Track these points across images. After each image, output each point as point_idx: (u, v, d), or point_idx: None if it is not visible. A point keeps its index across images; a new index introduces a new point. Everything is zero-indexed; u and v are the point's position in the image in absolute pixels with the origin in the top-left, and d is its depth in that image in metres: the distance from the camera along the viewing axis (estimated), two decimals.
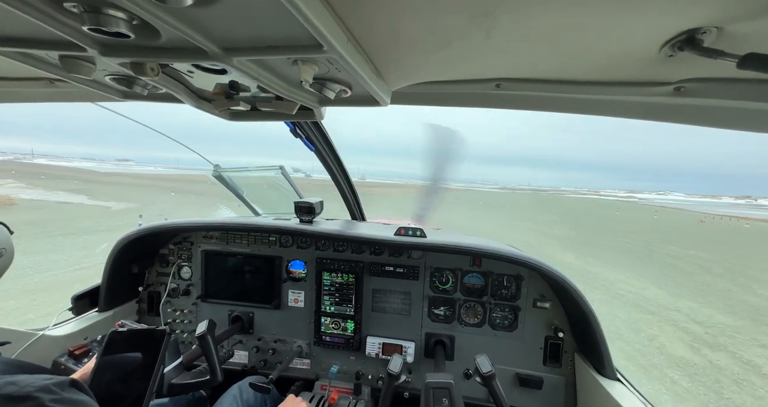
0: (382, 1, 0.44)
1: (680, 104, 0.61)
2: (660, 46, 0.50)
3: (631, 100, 0.66)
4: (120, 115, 1.38)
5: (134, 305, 1.86)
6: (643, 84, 0.62)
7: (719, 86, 0.54)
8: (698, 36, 0.45)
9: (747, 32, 0.42)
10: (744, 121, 0.59)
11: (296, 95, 0.78)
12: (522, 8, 0.43)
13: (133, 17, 0.46)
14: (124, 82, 0.74)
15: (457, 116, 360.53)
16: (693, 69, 0.54)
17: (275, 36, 0.52)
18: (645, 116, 0.69)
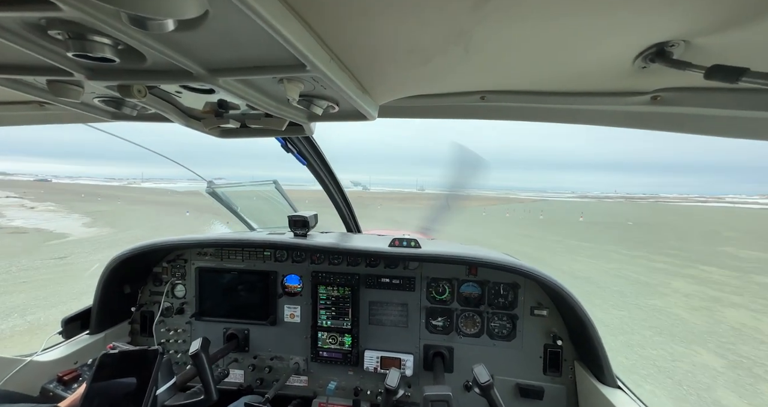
0: (360, 22, 0.46)
1: (658, 112, 0.63)
2: (633, 58, 0.52)
3: (611, 109, 0.68)
4: (113, 135, 1.39)
5: (127, 326, 1.82)
6: (621, 94, 0.64)
7: (692, 95, 0.55)
8: (667, 49, 0.47)
9: (712, 45, 0.44)
10: (717, 127, 0.60)
11: (285, 112, 0.79)
12: (496, 26, 0.45)
13: (118, 42, 0.47)
14: (112, 104, 0.74)
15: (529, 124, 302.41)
16: (667, 79, 0.56)
17: (259, 57, 0.53)
18: (625, 124, 0.71)
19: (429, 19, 0.44)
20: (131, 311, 1.81)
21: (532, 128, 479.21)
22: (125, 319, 1.80)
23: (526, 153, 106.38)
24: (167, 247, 1.75)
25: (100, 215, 20.84)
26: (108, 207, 26.48)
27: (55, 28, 0.43)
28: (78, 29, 0.43)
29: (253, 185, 2.06)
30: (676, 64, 0.45)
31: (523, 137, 71.10)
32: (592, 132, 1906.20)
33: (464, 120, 0.94)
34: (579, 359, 1.47)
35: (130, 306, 1.81)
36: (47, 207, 25.18)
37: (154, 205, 28.59)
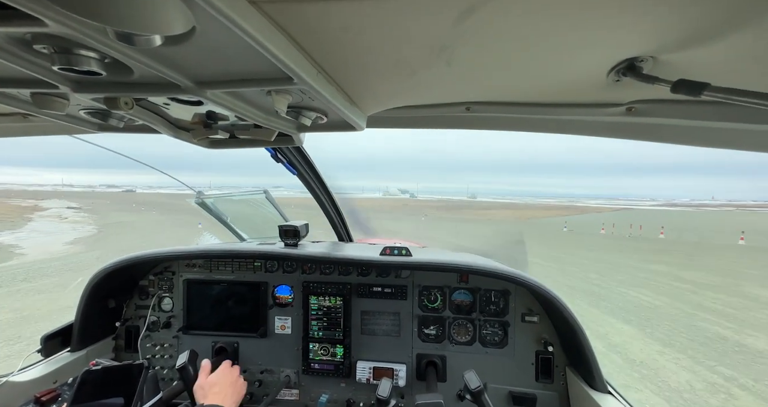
0: (345, 37, 0.47)
1: (633, 123, 0.66)
2: (607, 72, 0.55)
3: (590, 119, 0.71)
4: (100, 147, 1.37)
5: (110, 342, 1.75)
6: (599, 105, 0.67)
7: (663, 107, 0.58)
8: (637, 64, 0.50)
9: (677, 61, 0.47)
10: (686, 137, 0.64)
11: (274, 123, 0.80)
12: (475, 41, 0.47)
13: (104, 56, 0.47)
14: (99, 116, 0.74)
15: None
16: (640, 92, 0.59)
17: (247, 70, 0.54)
18: (604, 134, 0.74)
19: (411, 34, 0.45)
20: (115, 326, 1.75)
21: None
22: (109, 335, 1.74)
23: (578, 157, 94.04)
24: (154, 259, 1.71)
25: (112, 226, 19.40)
26: (134, 217, 24.95)
27: (40, 43, 0.43)
28: (64, 44, 0.44)
29: (243, 194, 2.04)
30: (645, 79, 0.48)
31: (575, 141, 66.63)
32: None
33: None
34: (570, 365, 1.48)
35: (114, 321, 1.75)
36: (77, 218, 24.12)
37: (186, 214, 25.70)
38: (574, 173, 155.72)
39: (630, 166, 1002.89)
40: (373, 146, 43.41)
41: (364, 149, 40.34)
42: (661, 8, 0.37)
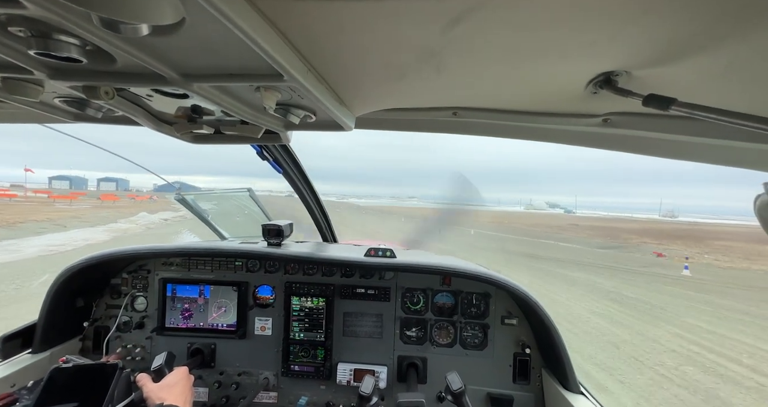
0: (337, 37, 0.48)
1: (609, 133, 0.70)
2: (585, 85, 0.58)
3: (569, 129, 0.74)
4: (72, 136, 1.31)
5: (77, 343, 1.66)
6: (577, 116, 0.70)
7: (636, 119, 0.62)
8: (613, 77, 0.53)
9: (649, 76, 0.50)
10: (658, 149, 0.68)
11: (261, 120, 0.79)
12: (463, 49, 0.49)
13: (86, 43, 0.46)
14: (75, 105, 0.71)
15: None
16: (615, 104, 0.63)
17: (236, 64, 0.53)
18: (582, 143, 0.77)
19: (401, 39, 0.46)
20: (83, 326, 1.67)
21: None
22: (76, 335, 1.65)
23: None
24: (128, 256, 1.64)
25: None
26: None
27: (16, 25, 0.41)
28: (42, 28, 0.42)
29: (226, 192, 1.99)
30: (619, 92, 0.51)
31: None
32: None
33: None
34: (546, 366, 1.52)
35: (81, 321, 1.66)
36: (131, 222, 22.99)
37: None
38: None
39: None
40: (518, 152, 41.18)
41: (507, 157, 37.75)
42: (634, 27, 0.39)
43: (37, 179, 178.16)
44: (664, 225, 62.44)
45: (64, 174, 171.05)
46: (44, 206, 32.44)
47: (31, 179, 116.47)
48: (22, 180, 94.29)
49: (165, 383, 1.13)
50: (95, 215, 25.63)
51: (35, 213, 24.05)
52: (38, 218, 20.86)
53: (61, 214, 24.76)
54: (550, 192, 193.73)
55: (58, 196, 42.18)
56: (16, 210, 25.62)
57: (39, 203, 37.43)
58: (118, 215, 24.69)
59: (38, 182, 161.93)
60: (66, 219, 21.46)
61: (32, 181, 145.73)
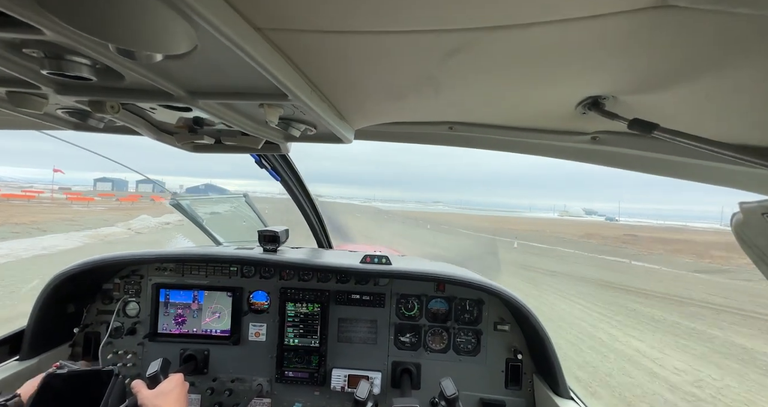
0: (341, 63, 0.50)
1: (597, 150, 0.73)
2: (575, 106, 0.61)
3: (560, 144, 0.78)
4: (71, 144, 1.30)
5: (67, 349, 1.64)
6: (568, 133, 0.73)
7: (623, 138, 0.66)
8: (600, 101, 0.56)
9: (634, 102, 0.53)
10: (643, 165, 0.72)
11: (262, 132, 0.80)
12: (460, 74, 0.51)
13: (96, 62, 0.47)
14: (77, 116, 0.72)
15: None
16: (603, 124, 0.66)
17: (243, 85, 0.55)
18: (572, 158, 0.81)
19: (401, 66, 0.49)
20: (73, 332, 1.64)
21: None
22: (65, 342, 1.63)
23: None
24: (121, 262, 1.63)
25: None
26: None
27: (31, 48, 0.42)
28: (57, 50, 0.43)
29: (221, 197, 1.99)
30: (606, 115, 0.54)
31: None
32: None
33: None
34: (537, 372, 1.55)
35: (71, 327, 1.64)
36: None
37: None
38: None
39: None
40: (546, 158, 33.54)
41: (536, 161, 37.03)
42: (617, 59, 0.43)
43: (84, 181, 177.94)
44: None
45: (107, 176, 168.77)
46: (56, 208, 30.19)
47: (79, 181, 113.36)
48: (75, 183, 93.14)
49: (160, 390, 1.12)
50: (97, 217, 24.03)
51: (27, 215, 22.54)
52: (20, 221, 19.26)
53: (57, 216, 23.03)
54: (583, 198, 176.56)
55: (76, 198, 40.76)
56: (10, 212, 24.05)
57: (58, 204, 35.50)
58: (118, 218, 22.67)
59: (85, 184, 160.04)
60: (55, 222, 19.71)
61: (78, 183, 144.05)
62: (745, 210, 0.45)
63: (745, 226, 0.47)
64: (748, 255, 0.50)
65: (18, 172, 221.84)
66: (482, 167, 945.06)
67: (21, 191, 48.67)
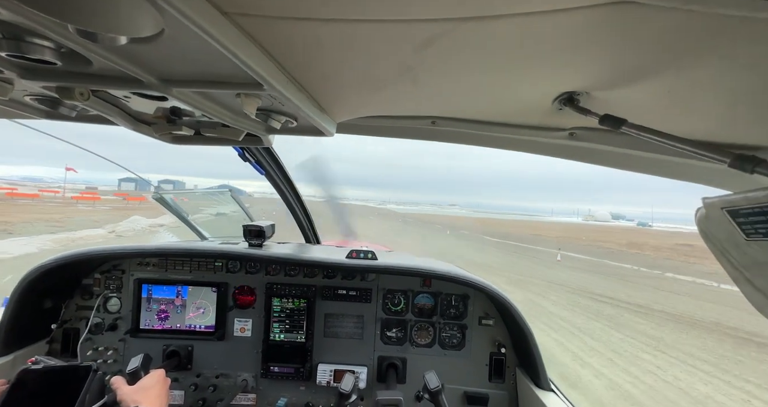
0: (316, 51, 0.49)
1: (575, 146, 0.75)
2: (551, 101, 0.62)
3: (539, 140, 0.79)
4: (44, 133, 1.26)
5: (44, 346, 1.60)
6: (546, 129, 0.74)
7: (598, 134, 0.67)
8: (575, 96, 0.57)
9: (606, 98, 0.54)
10: (618, 161, 0.73)
11: (242, 124, 0.79)
12: (437, 66, 0.51)
13: (60, 46, 0.45)
14: (47, 103, 0.70)
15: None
16: (580, 120, 0.67)
17: (216, 73, 0.54)
18: (551, 154, 0.82)
19: (377, 56, 0.49)
20: (51, 328, 1.60)
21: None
22: (43, 338, 1.59)
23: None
24: (102, 256, 1.59)
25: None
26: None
27: None
28: (15, 30, 0.42)
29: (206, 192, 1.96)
30: (580, 110, 0.55)
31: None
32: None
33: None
34: (519, 365, 1.58)
35: (49, 323, 1.60)
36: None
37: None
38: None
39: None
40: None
41: (556, 164, 36.42)
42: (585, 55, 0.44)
43: (110, 181, 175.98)
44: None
45: (131, 177, 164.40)
46: (51, 207, 28.15)
47: (107, 181, 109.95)
48: (102, 183, 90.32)
49: (140, 385, 1.10)
50: (88, 217, 22.21)
51: (5, 214, 20.99)
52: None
53: (42, 216, 21.24)
54: (607, 202, 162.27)
55: (81, 197, 39.15)
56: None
57: (65, 204, 33.72)
58: (111, 219, 20.70)
59: (111, 183, 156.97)
60: (32, 223, 17.99)
61: (106, 183, 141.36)
62: (707, 205, 0.47)
63: (707, 220, 0.48)
64: (710, 249, 0.51)
65: (55, 172, 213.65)
66: (495, 170, 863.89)
67: (38, 190, 46.78)
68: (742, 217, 0.43)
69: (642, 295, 10.90)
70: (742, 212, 0.42)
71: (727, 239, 0.48)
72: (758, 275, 0.47)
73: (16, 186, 55.86)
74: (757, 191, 0.39)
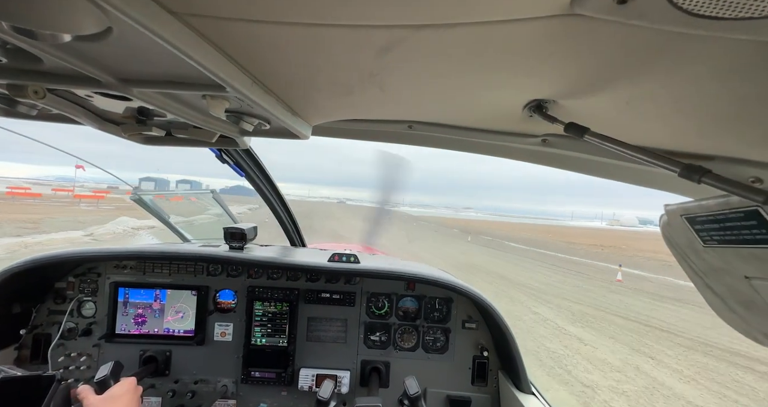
0: (279, 55, 0.48)
1: (548, 152, 0.75)
2: (521, 109, 0.62)
3: (513, 146, 0.79)
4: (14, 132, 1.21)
5: (12, 352, 1.53)
6: (519, 135, 0.75)
7: (567, 141, 0.68)
8: (543, 104, 0.57)
9: (571, 106, 0.55)
10: (586, 168, 0.74)
11: (213, 126, 0.78)
12: (400, 73, 0.51)
13: (5, 42, 0.43)
14: (4, 101, 0.67)
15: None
16: (549, 127, 0.67)
17: (175, 72, 0.52)
18: (525, 159, 0.83)
19: (341, 61, 0.48)
20: (20, 334, 1.54)
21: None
22: (11, 344, 1.53)
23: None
24: (75, 259, 1.54)
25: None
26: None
27: None
28: None
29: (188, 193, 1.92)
30: (547, 118, 0.55)
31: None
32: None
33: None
34: (502, 368, 1.59)
35: (18, 329, 1.54)
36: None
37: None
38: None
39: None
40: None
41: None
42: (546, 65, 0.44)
43: (132, 181, 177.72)
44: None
45: (152, 176, 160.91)
46: (50, 207, 25.93)
47: (131, 181, 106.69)
48: (131, 183, 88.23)
49: (109, 394, 1.06)
50: (74, 218, 20.36)
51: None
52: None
53: (19, 216, 19.18)
54: (629, 206, 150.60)
55: (85, 196, 37.45)
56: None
57: (67, 202, 31.72)
58: (100, 220, 19.05)
59: (133, 183, 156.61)
60: (3, 224, 16.11)
61: (131, 182, 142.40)
62: (668, 212, 0.47)
63: (669, 226, 0.49)
64: (672, 254, 0.52)
65: (90, 172, 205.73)
66: (507, 172, 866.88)
67: (51, 189, 44.75)
68: (699, 224, 0.44)
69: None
70: (698, 219, 0.43)
71: (687, 246, 0.48)
72: (715, 280, 0.47)
73: (49, 185, 53.62)
74: (709, 200, 0.39)
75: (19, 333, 1.53)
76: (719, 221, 0.40)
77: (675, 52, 0.32)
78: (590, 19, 0.31)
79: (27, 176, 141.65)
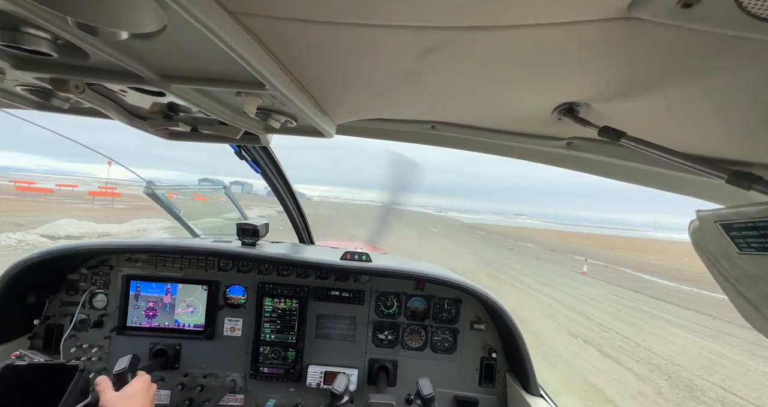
0: (319, 52, 0.49)
1: (573, 155, 0.76)
2: (551, 111, 0.62)
3: (537, 149, 0.79)
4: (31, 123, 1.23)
5: (25, 342, 1.55)
6: (544, 138, 0.75)
7: (595, 145, 0.68)
8: (575, 107, 0.58)
9: (605, 109, 0.55)
10: (615, 172, 0.75)
11: (240, 122, 0.78)
12: (439, 73, 0.51)
13: (57, 37, 0.44)
14: (39, 94, 0.68)
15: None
16: (578, 130, 0.68)
17: (217, 70, 0.53)
18: (548, 162, 0.83)
19: (381, 60, 0.49)
20: (33, 324, 1.56)
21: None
22: (24, 334, 1.54)
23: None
24: (89, 251, 1.56)
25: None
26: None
27: None
28: (11, 20, 0.40)
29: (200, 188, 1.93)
30: (579, 121, 0.56)
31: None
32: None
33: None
34: (510, 370, 1.59)
35: (32, 319, 1.55)
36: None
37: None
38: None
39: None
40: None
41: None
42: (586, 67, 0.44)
43: (190, 182, 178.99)
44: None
45: (209, 177, 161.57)
46: (55, 204, 24.90)
47: (187, 182, 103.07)
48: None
49: (124, 393, 1.06)
50: (73, 218, 20.33)
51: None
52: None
53: (8, 213, 19.10)
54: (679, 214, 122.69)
55: (99, 193, 37.05)
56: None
57: (82, 199, 31.50)
58: (104, 220, 17.46)
59: (191, 184, 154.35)
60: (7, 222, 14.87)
61: (187, 183, 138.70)
62: (701, 218, 0.48)
63: (700, 233, 0.49)
64: (702, 260, 0.52)
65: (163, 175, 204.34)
66: (558, 177, 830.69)
67: (98, 186, 43.72)
68: (735, 231, 0.44)
69: None
70: (735, 226, 0.43)
71: (719, 252, 0.49)
72: (749, 287, 0.48)
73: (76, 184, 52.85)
74: (749, 206, 0.40)
75: (33, 323, 1.55)
76: (759, 228, 0.40)
77: (731, 56, 0.33)
78: (646, 22, 0.31)
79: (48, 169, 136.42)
